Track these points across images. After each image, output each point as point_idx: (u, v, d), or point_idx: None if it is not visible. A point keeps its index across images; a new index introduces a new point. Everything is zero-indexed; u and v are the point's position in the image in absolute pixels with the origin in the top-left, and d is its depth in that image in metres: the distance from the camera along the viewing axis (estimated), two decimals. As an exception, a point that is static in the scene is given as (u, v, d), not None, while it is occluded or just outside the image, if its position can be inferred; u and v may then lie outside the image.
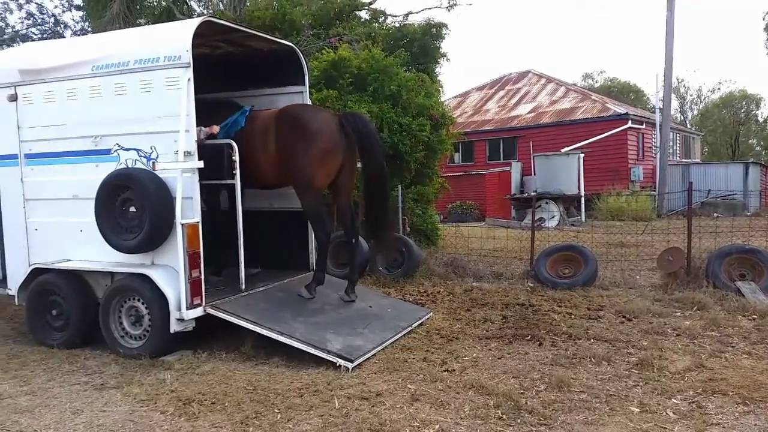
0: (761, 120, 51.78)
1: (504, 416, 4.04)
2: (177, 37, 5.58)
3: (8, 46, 19.56)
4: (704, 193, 19.83)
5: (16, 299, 6.35)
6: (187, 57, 5.45)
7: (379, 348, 5.48)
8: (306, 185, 6.05)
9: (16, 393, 4.79)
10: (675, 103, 48.75)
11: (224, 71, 7.14)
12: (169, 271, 5.50)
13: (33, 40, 17.27)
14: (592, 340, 5.66)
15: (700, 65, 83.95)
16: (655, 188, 22.22)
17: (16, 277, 6.37)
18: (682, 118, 52.93)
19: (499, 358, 5.25)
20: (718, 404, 4.12)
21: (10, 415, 4.36)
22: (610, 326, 6.13)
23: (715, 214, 17.68)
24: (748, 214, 18.91)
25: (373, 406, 4.26)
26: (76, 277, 6.06)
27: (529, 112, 27.23)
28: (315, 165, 5.94)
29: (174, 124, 5.44)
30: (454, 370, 4.98)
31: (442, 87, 14.61)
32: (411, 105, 10.80)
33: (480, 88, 32.35)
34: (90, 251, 5.96)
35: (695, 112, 54.56)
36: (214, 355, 5.53)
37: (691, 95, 54.71)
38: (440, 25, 14.82)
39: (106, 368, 5.34)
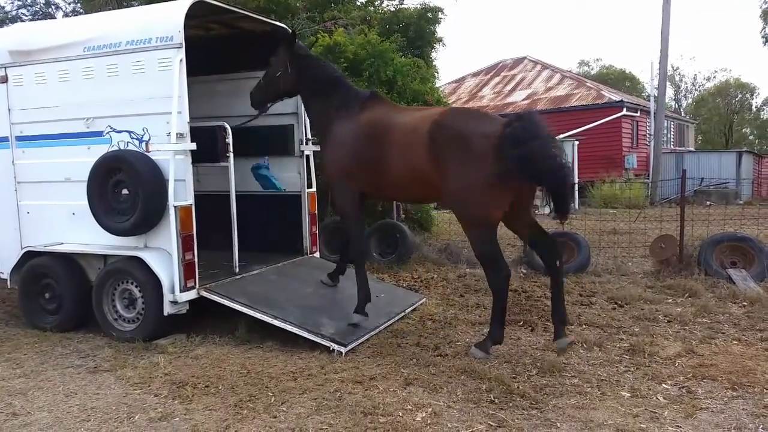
0: (755, 109, 51.95)
1: (496, 400, 4.08)
2: (169, 18, 5.53)
3: (-1, 26, 19.33)
4: (697, 182, 19.91)
5: (8, 282, 6.34)
6: (180, 38, 5.40)
7: (373, 333, 5.50)
8: (474, 219, 4.82)
9: (10, 375, 4.80)
10: (670, 91, 48.78)
11: (218, 53, 7.08)
12: (163, 254, 5.49)
13: (24, 21, 17.05)
14: (584, 326, 5.70)
15: (695, 53, 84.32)
16: (648, 176, 22.28)
17: (8, 260, 6.34)
18: (677, 106, 53.00)
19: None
20: (708, 389, 4.17)
21: (3, 397, 4.37)
22: (602, 312, 6.17)
23: (708, 203, 17.77)
24: (741, 202, 19.01)
25: (366, 390, 4.28)
26: (69, 260, 6.04)
27: (524, 99, 27.18)
28: (485, 194, 4.65)
29: (166, 105, 5.40)
30: (447, 354, 5.00)
31: (437, 72, 14.49)
32: (407, 90, 10.76)
33: (475, 74, 32.25)
34: (83, 234, 5.94)
35: (690, 101, 54.66)
36: (208, 338, 5.54)
37: (686, 83, 54.83)
38: (436, 9, 14.67)
39: (99, 351, 5.35)
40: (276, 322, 5.28)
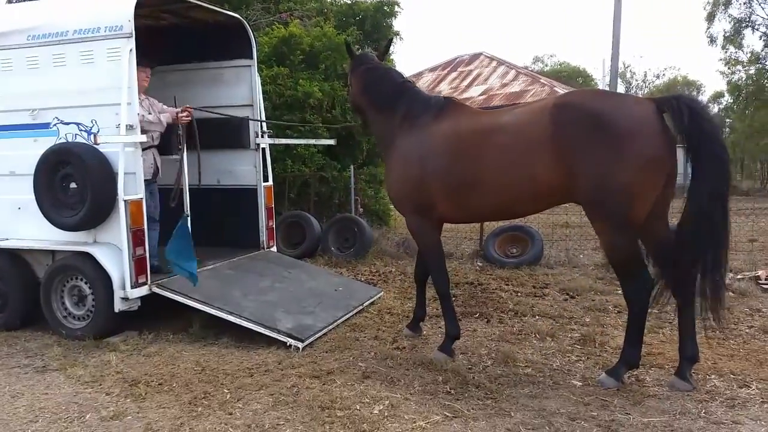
0: (701, 106, 53.66)
1: (452, 391, 4.13)
2: (118, 7, 5.37)
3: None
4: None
5: (-51, 280, 6.07)
6: (129, 27, 5.26)
7: (330, 327, 5.49)
8: (618, 219, 3.91)
9: (-49, 376, 4.61)
10: (621, 88, 49.93)
11: (169, 43, 6.93)
12: (113, 249, 5.36)
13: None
14: (537, 317, 5.82)
15: (645, 52, 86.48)
16: (600, 171, 22.79)
17: (-51, 256, 6.08)
18: (628, 102, 54.31)
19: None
20: (655, 377, 4.31)
21: (-56, 399, 4.19)
22: (555, 303, 6.31)
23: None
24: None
25: (324, 384, 4.28)
26: (15, 257, 5.85)
27: (481, 95, 27.47)
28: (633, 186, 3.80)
29: (116, 96, 5.25)
30: (404, 347, 5.04)
31: (395, 66, 14.55)
32: (363, 83, 10.73)
33: (433, 69, 32.42)
34: (29, 229, 5.74)
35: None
36: (161, 335, 5.44)
37: (637, 80, 56.25)
38: (392, 3, 14.68)
39: (47, 350, 5.19)
40: (231, 318, 5.22)
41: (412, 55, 74.48)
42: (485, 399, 4.00)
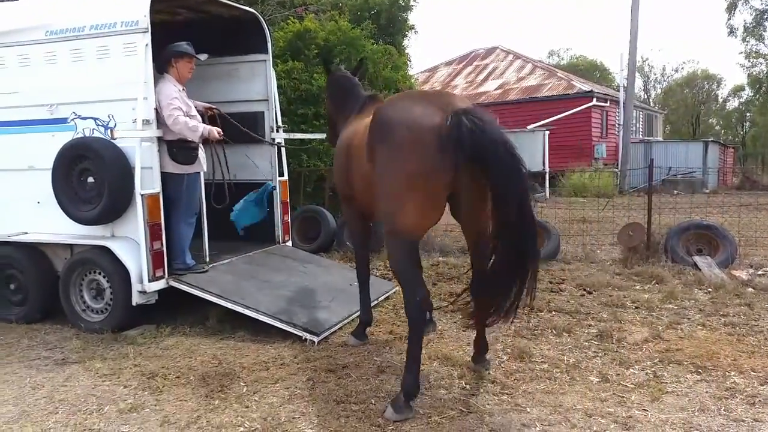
0: (721, 100, 53.02)
1: (467, 386, 4.11)
2: (134, 2, 5.40)
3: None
4: (665, 171, 20.26)
5: (-29, 273, 6.17)
6: (145, 22, 5.28)
7: (345, 321, 5.49)
8: (390, 228, 3.78)
9: (-27, 368, 4.68)
10: (639, 82, 49.46)
11: (185, 38, 6.95)
12: (130, 243, 5.40)
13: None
14: (553, 313, 5.78)
15: (664, 45, 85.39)
16: (617, 165, 22.62)
17: (-30, 251, 6.18)
18: (646, 96, 53.81)
19: (463, 330, 5.32)
20: (674, 373, 4.26)
21: (-34, 390, 4.27)
22: (571, 299, 6.26)
23: (675, 191, 18.13)
24: (707, 191, 19.44)
25: (339, 378, 4.28)
26: (35, 250, 5.92)
27: (497, 89, 27.34)
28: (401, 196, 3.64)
29: (132, 91, 5.28)
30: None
31: (410, 60, 14.50)
32: (378, 78, 10.74)
33: (448, 63, 32.31)
34: (48, 223, 5.80)
35: (659, 91, 55.54)
36: (178, 329, 5.47)
37: (655, 74, 55.68)
38: (408, -4, 14.67)
39: (67, 343, 5.25)
40: (248, 312, 5.24)
41: (428, 49, 74.36)
42: (501, 394, 3.98)
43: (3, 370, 4.63)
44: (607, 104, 25.47)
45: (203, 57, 6.01)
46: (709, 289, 6.45)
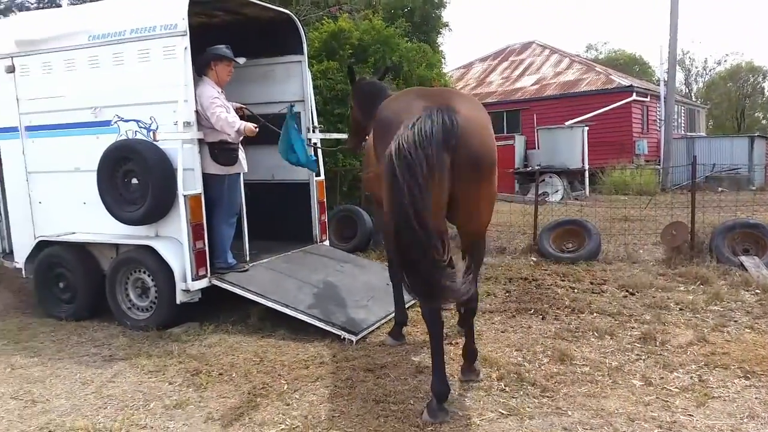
0: (767, 93, 51.30)
1: (507, 388, 4.09)
2: (173, 6, 5.52)
3: (4, 16, 19.31)
4: (709, 167, 19.72)
5: (23, 272, 6.40)
6: (184, 25, 5.39)
7: (383, 321, 5.52)
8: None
9: (28, 364, 4.87)
10: (680, 76, 48.22)
11: (222, 40, 7.07)
12: (174, 243, 5.52)
13: (30, 10, 17.04)
14: (595, 314, 5.69)
15: (705, 37, 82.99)
16: (659, 162, 22.11)
17: (22, 250, 6.42)
18: (687, 90, 52.42)
19: (502, 332, 5.29)
20: (720, 377, 4.16)
21: (22, 384, 4.44)
22: (613, 300, 6.16)
23: (720, 189, 17.64)
24: (753, 188, 18.85)
25: (377, 378, 4.31)
26: (82, 250, 6.10)
27: (533, 84, 26.98)
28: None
29: (173, 94, 5.40)
30: (457, 343, 5.00)
31: (444, 58, 14.49)
32: (412, 76, 10.72)
33: (483, 59, 32.01)
34: (94, 223, 5.98)
35: (701, 85, 54.03)
36: (221, 326, 5.58)
37: (697, 67, 54.11)
38: (442, -7, 14.61)
39: (114, 340, 5.40)
40: (287, 311, 5.31)
41: (462, 46, 73.72)
42: (541, 397, 3.95)
43: (55, 366, 4.80)
44: (648, 99, 24.90)
45: (242, 61, 6.09)
46: (757, 291, 6.26)
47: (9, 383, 4.47)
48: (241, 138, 5.77)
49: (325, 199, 7.30)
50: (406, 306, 5.38)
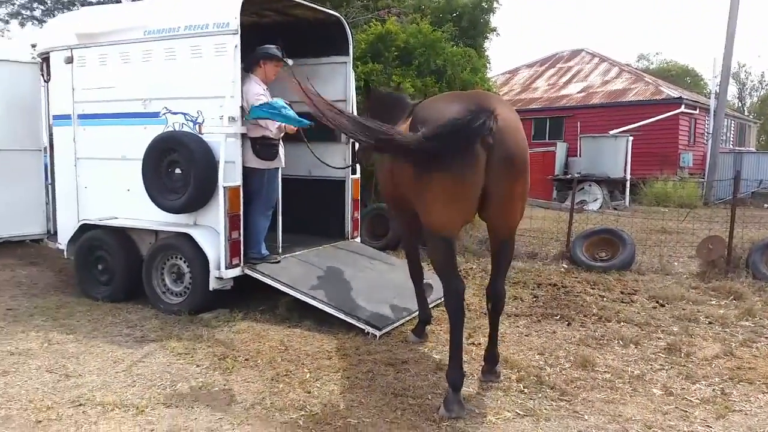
0: (825, 109, 49.36)
1: (526, 390, 4.12)
2: (226, 5, 5.70)
3: (67, 10, 20.09)
4: (755, 183, 19.14)
5: (65, 253, 6.69)
6: (235, 24, 5.57)
7: (407, 319, 5.59)
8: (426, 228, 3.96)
9: (64, 340, 5.10)
10: (733, 89, 46.95)
11: (270, 38, 7.25)
12: (211, 232, 5.70)
13: (91, 5, 17.71)
14: (622, 323, 5.65)
15: (765, 50, 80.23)
16: (704, 175, 21.55)
17: (65, 231, 6.72)
18: (740, 104, 50.85)
19: (526, 335, 5.31)
20: (743, 392, 4.10)
21: (58, 359, 4.66)
22: (642, 310, 6.09)
23: (766, 205, 17.10)
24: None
25: (398, 372, 4.39)
26: (122, 234, 6.34)
27: (579, 92, 26.62)
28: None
29: (220, 89, 5.59)
30: (479, 343, 5.05)
31: (489, 62, 14.40)
32: (456, 80, 10.74)
33: (530, 65, 31.74)
34: (136, 210, 6.21)
35: (755, 99, 52.33)
36: (250, 314, 5.74)
37: (752, 81, 52.49)
38: (491, -1, 14.56)
39: (146, 322, 5.61)
40: (314, 303, 5.43)
41: (509, 51, 73.16)
42: (559, 400, 3.96)
43: (89, 344, 5.02)
44: (697, 111, 24.30)
45: (290, 62, 6.25)
46: (793, 309, 6.11)
47: (45, 357, 4.70)
48: (282, 134, 5.94)
49: (359, 197, 7.41)
50: (430, 305, 5.44)
